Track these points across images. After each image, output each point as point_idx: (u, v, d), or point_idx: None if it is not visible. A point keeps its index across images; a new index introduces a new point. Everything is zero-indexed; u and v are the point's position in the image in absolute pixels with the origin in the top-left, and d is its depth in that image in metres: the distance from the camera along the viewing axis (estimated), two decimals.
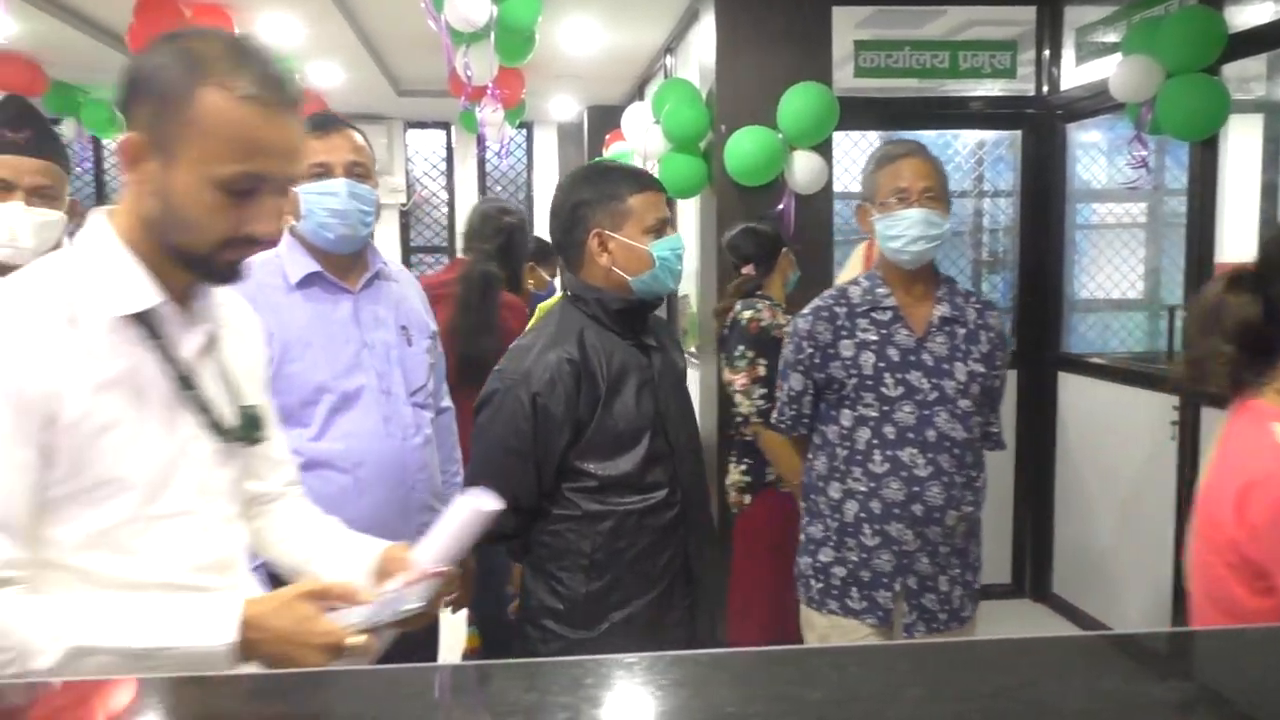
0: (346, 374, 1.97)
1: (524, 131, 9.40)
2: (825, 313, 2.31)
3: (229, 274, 1.25)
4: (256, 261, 2.04)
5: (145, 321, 1.21)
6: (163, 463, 1.21)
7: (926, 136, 4.43)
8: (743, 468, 3.27)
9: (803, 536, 2.39)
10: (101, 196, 8.92)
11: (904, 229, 2.21)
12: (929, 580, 2.25)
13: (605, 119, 8.18)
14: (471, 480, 2.00)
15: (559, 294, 2.32)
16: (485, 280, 3.10)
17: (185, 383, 1.24)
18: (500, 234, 3.27)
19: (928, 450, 2.21)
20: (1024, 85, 4.66)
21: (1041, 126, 4.61)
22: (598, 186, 1.96)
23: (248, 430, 1.32)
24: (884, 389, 2.23)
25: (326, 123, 2.02)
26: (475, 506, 1.32)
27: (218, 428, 1.27)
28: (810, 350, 2.29)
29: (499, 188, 9.71)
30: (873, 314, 2.27)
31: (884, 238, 2.24)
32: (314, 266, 2.00)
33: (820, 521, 2.32)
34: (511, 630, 2.09)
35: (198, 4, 4.71)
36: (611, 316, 1.95)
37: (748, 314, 3.20)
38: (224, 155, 1.15)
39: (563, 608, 1.90)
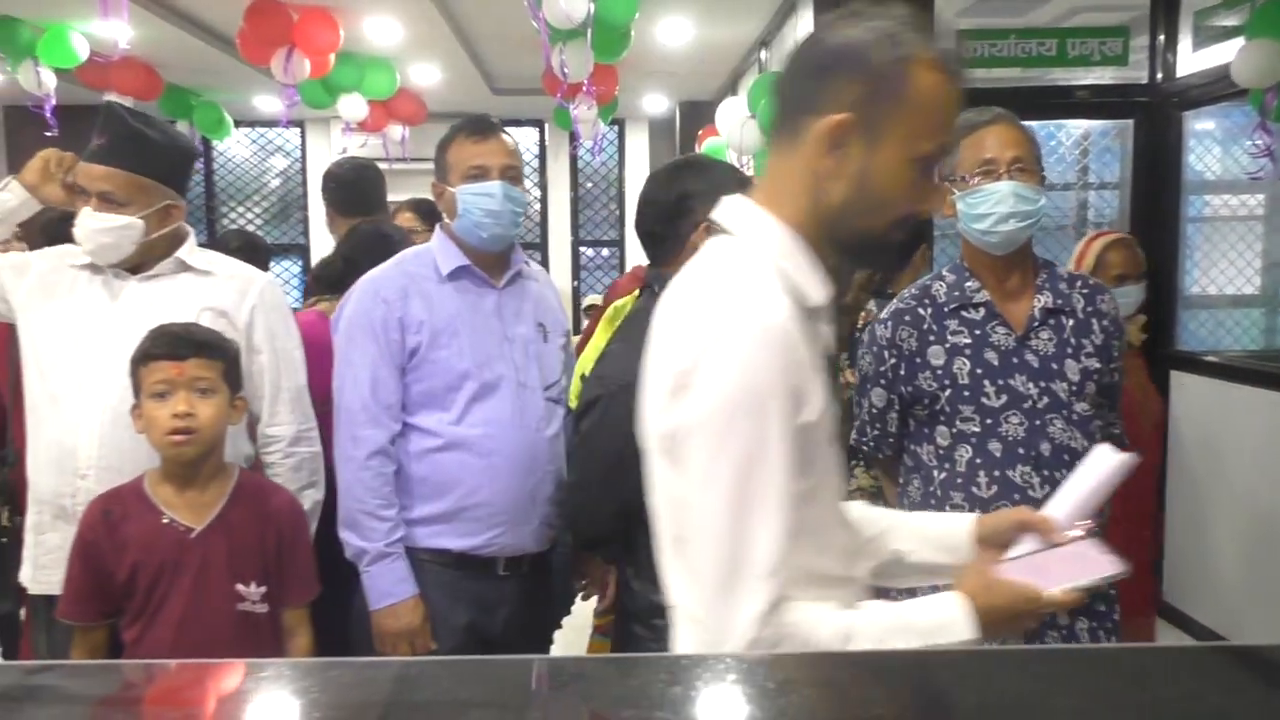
0: (488, 364, 2.06)
1: (616, 128, 9.44)
2: (907, 315, 2.02)
3: (896, 253, 1.26)
4: (410, 254, 2.14)
5: (811, 313, 1.16)
6: (838, 455, 1.21)
7: (1030, 127, 4.29)
8: (876, 471, 2.88)
9: None
10: (210, 195, 9.27)
11: (991, 206, 1.90)
12: (1052, 615, 1.91)
13: (697, 114, 8.16)
14: (576, 490, 2.03)
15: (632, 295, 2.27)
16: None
17: (833, 373, 1.23)
18: None
19: (1043, 466, 1.90)
20: (1136, 72, 4.48)
21: (1155, 115, 4.43)
22: (704, 178, 1.93)
23: None
24: (984, 399, 1.94)
25: (484, 127, 2.13)
26: (1117, 459, 1.29)
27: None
28: (893, 360, 2.02)
29: (590, 184, 9.77)
30: (963, 312, 1.98)
31: (968, 219, 1.94)
32: (463, 260, 2.10)
33: None
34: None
35: (305, 7, 4.85)
36: None
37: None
38: (928, 131, 1.14)
39: None
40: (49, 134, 5.79)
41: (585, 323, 5.67)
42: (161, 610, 1.78)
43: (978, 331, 1.97)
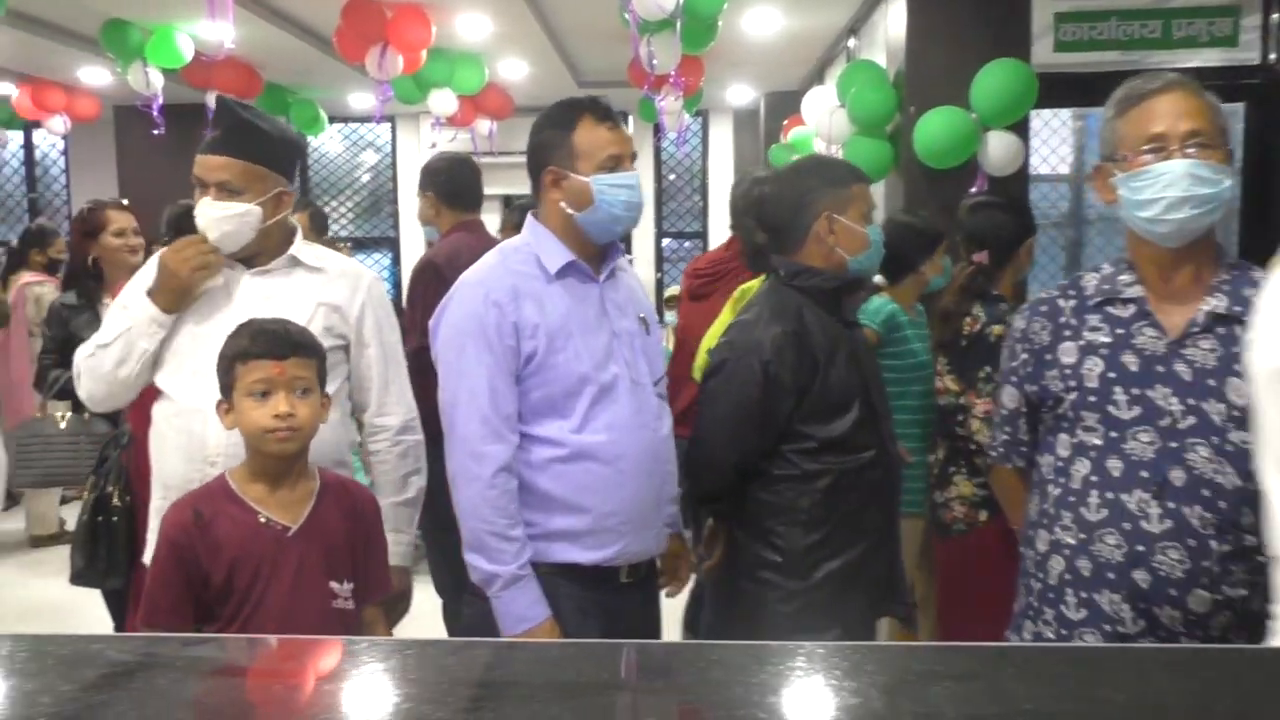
0: (603, 364, 1.95)
1: (700, 119, 9.42)
2: (1045, 306, 1.79)
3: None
4: (509, 250, 1.99)
5: None
6: None
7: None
8: (979, 480, 2.77)
9: (1015, 607, 1.92)
10: (305, 190, 9.52)
11: (1161, 189, 1.60)
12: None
13: (782, 104, 8.08)
14: (699, 445, 2.13)
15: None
16: (761, 251, 3.08)
17: None
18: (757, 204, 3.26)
19: (1168, 497, 1.61)
20: (1246, 54, 4.30)
21: (1270, 97, 4.25)
22: (824, 174, 2.13)
23: None
24: (1111, 408, 1.67)
25: (610, 112, 1.98)
26: None
27: None
28: (1024, 355, 1.80)
29: (673, 176, 9.77)
30: (1108, 308, 1.71)
31: (1131, 205, 1.64)
32: (570, 255, 1.96)
33: (1024, 584, 1.84)
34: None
35: (399, 4, 4.94)
36: (825, 294, 2.09)
37: (998, 328, 2.67)
38: None
39: (781, 560, 2.04)
40: (156, 132, 6.05)
41: (669, 315, 5.67)
42: (259, 611, 1.75)
43: (1121, 331, 1.69)
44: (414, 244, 9.44)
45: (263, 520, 1.77)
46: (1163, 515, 1.60)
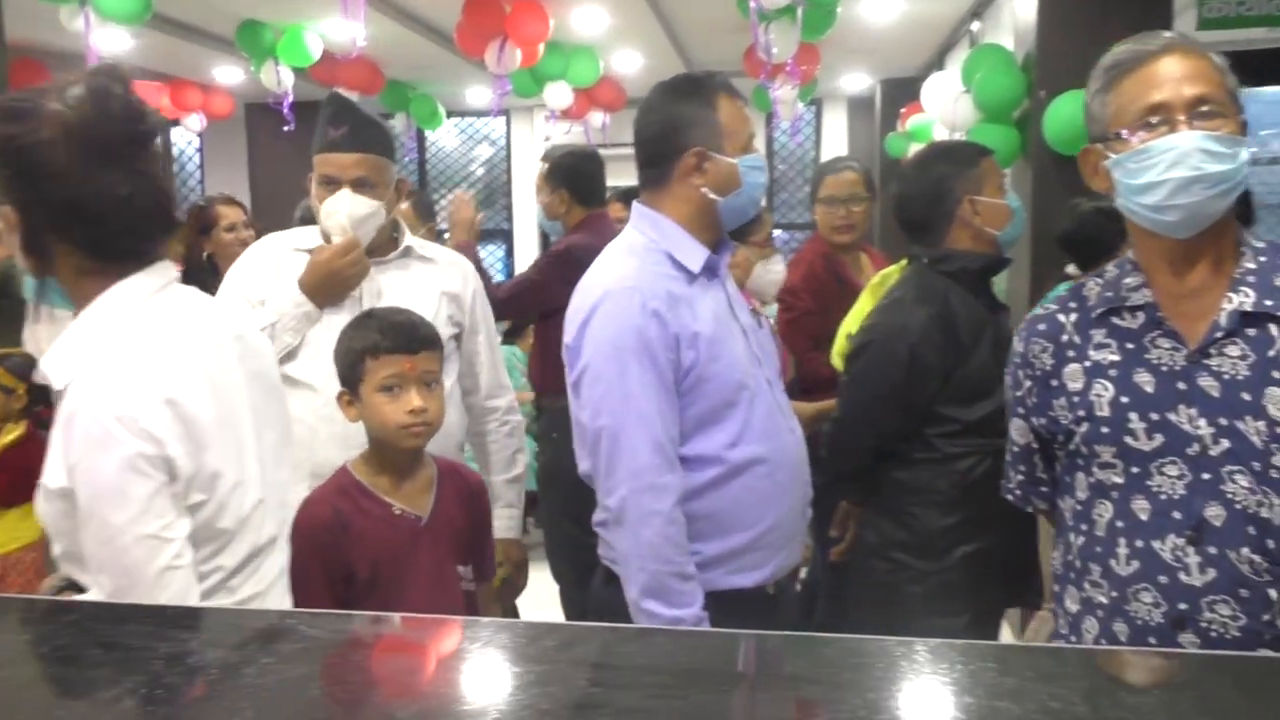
0: (748, 368, 1.75)
1: (813, 108, 9.28)
2: (1044, 324, 1.49)
3: None
4: (639, 249, 1.75)
5: None
6: None
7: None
8: None
9: None
10: (423, 184, 9.76)
11: (1165, 169, 1.31)
12: None
13: (900, 92, 7.90)
14: (841, 427, 2.15)
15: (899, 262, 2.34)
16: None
17: None
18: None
19: (1208, 541, 1.32)
20: None
21: None
22: (952, 159, 2.16)
23: None
24: (1129, 439, 1.37)
25: (734, 88, 1.80)
26: None
27: None
28: (1028, 383, 1.51)
29: (783, 166, 9.66)
30: (1114, 319, 1.42)
31: (1130, 191, 1.35)
32: (706, 251, 1.75)
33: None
34: None
35: (517, 0, 5.01)
36: (971, 277, 2.10)
37: None
38: None
39: (914, 541, 2.05)
40: (286, 128, 6.29)
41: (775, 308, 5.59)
42: (401, 602, 1.73)
43: (1130, 345, 1.39)
44: (527, 236, 9.59)
45: (397, 512, 1.78)
46: (1204, 564, 1.31)
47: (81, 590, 1.27)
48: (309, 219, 3.41)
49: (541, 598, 3.25)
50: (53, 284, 1.30)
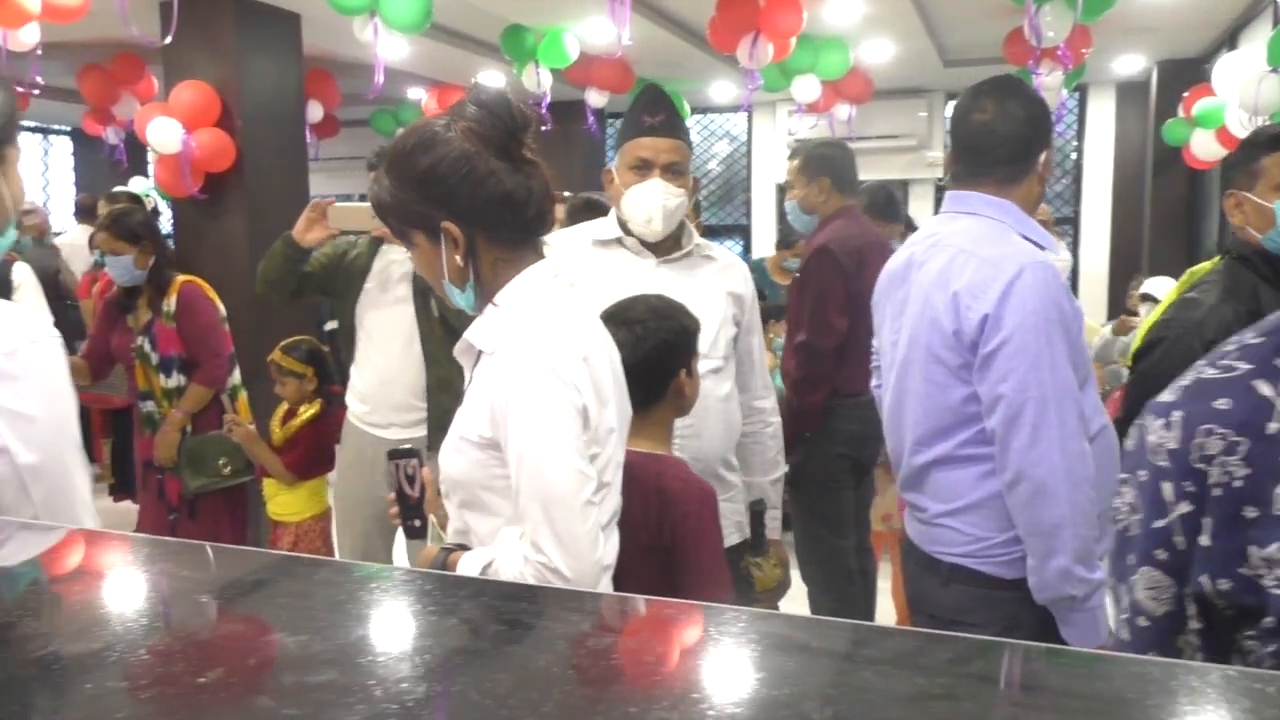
0: None
1: (1076, 95, 8.67)
2: (1226, 401, 0.92)
3: None
4: (999, 230, 1.81)
5: None
6: None
7: None
8: None
9: None
10: None
11: None
12: None
13: (1181, 74, 7.25)
14: (1123, 425, 1.99)
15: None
16: None
17: None
18: None
19: None
20: None
21: None
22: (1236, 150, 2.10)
23: None
24: None
25: None
26: None
27: None
28: (1188, 508, 0.92)
29: None
30: None
31: None
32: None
33: None
34: None
35: None
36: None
37: None
38: None
39: None
40: (545, 128, 6.55)
41: None
42: None
43: None
44: (764, 232, 9.54)
45: None
46: None
47: (468, 549, 1.44)
48: (575, 215, 3.53)
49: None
50: (465, 288, 1.46)
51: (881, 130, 8.33)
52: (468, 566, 1.39)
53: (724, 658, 0.57)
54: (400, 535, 3.30)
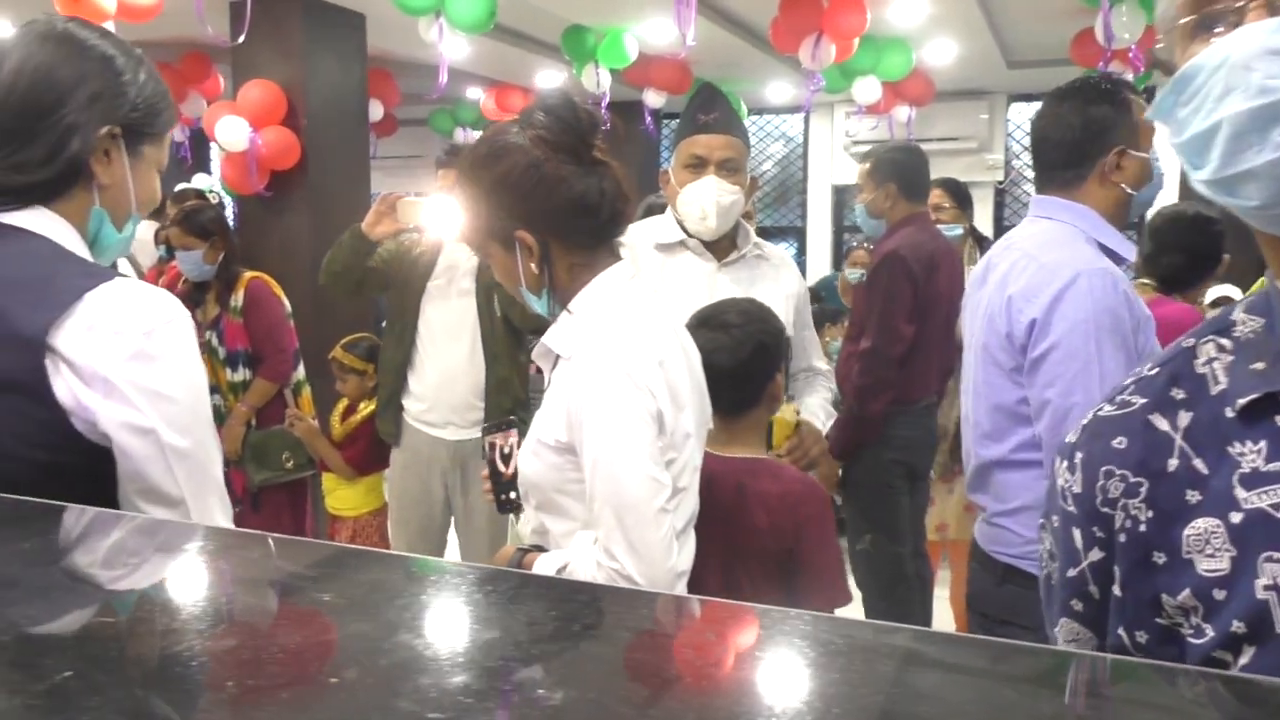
0: None
1: (1145, 98, 8.48)
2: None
3: None
4: (1074, 234, 1.79)
5: None
6: None
7: None
8: None
9: None
10: None
11: None
12: None
13: None
14: None
15: None
16: None
17: None
18: None
19: None
20: None
21: None
22: None
23: None
24: None
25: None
26: None
27: None
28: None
29: None
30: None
31: None
32: (1133, 243, 1.90)
33: None
34: None
35: None
36: None
37: None
38: None
39: None
40: (604, 128, 6.55)
41: None
42: None
43: None
44: (819, 234, 9.47)
45: None
46: None
47: (544, 550, 1.44)
48: (645, 215, 3.52)
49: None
50: (541, 295, 1.46)
51: (941, 132, 8.22)
52: (542, 569, 1.39)
53: (859, 672, 0.55)
54: (453, 536, 3.34)
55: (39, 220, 1.08)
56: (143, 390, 0.99)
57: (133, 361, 0.99)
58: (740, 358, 1.75)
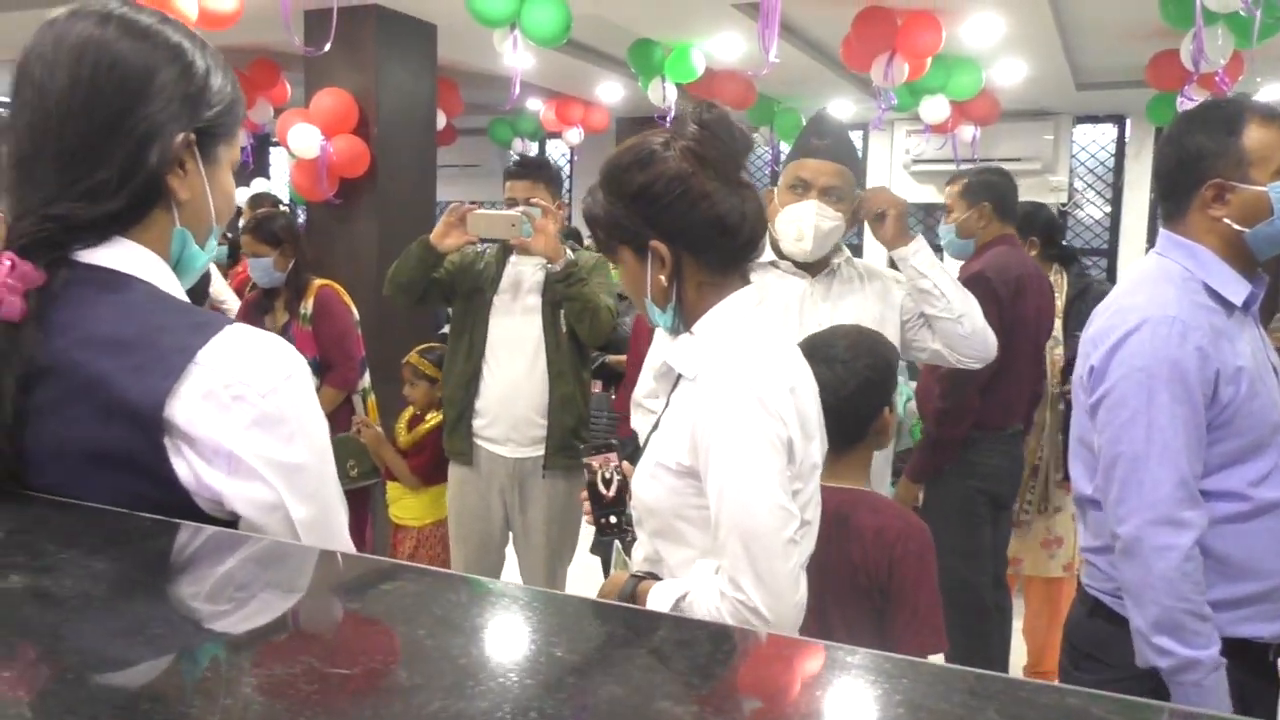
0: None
1: None
2: None
3: None
4: (1176, 277, 1.70)
5: None
6: None
7: None
8: None
9: None
10: None
11: None
12: None
13: None
14: None
15: None
16: None
17: None
18: None
19: None
20: None
21: None
22: None
23: None
24: None
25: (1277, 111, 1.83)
26: None
27: None
28: None
29: None
30: None
31: None
32: (1249, 285, 1.70)
33: None
34: None
35: (910, 11, 4.86)
36: None
37: None
38: None
39: None
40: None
41: None
42: None
43: None
44: (877, 251, 9.36)
45: None
46: None
47: (657, 578, 1.40)
48: None
49: None
50: (666, 309, 1.43)
51: (1005, 153, 8.09)
52: (660, 598, 1.35)
53: None
54: (510, 552, 3.31)
55: (126, 257, 0.92)
56: (269, 463, 0.87)
57: (255, 429, 0.87)
58: (843, 395, 1.71)
